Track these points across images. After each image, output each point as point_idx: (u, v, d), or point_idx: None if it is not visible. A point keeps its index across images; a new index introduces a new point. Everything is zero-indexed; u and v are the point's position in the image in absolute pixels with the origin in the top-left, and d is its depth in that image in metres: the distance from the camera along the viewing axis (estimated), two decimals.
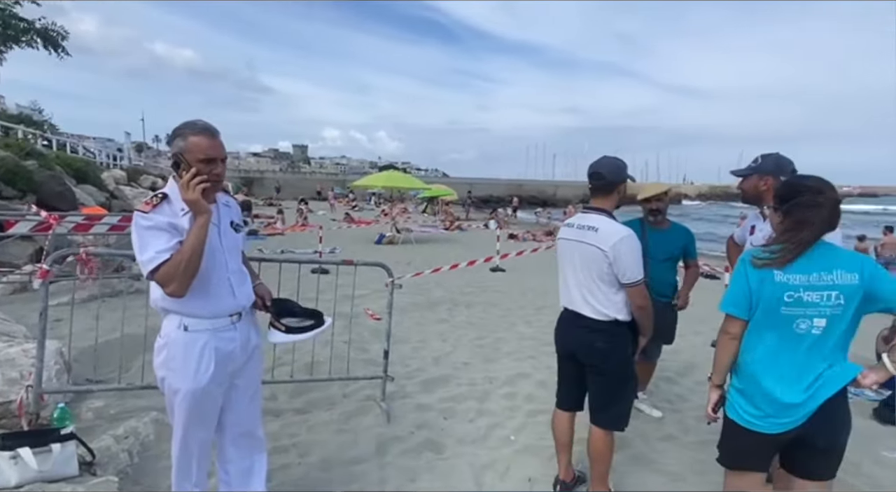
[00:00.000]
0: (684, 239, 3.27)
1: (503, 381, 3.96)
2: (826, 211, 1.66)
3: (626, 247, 2.19)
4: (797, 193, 1.71)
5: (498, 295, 7.16)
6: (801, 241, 1.66)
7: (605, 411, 2.37)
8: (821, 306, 1.64)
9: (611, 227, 2.25)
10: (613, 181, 2.32)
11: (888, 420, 3.53)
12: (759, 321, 1.71)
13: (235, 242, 1.95)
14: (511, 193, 42.95)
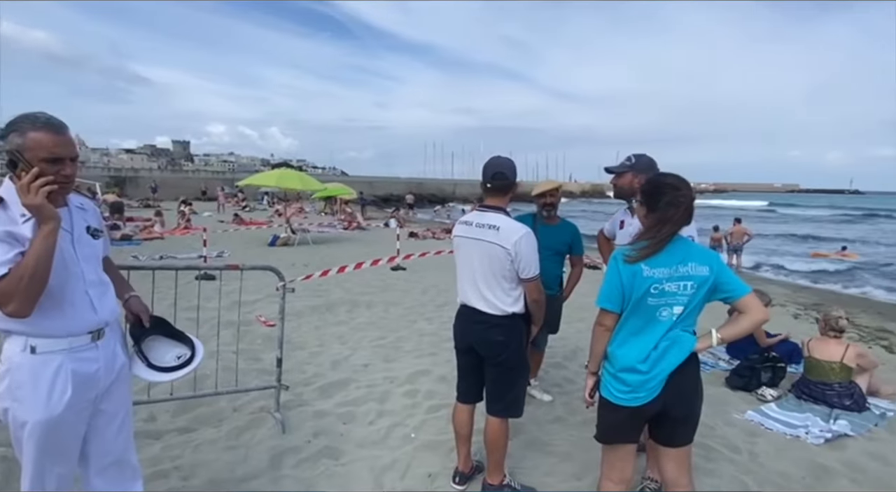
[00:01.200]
0: (571, 235, 3.45)
1: (404, 379, 3.97)
2: (684, 208, 1.86)
3: (526, 244, 2.29)
4: (660, 190, 1.89)
5: (399, 294, 7.16)
6: (663, 236, 1.84)
7: (501, 400, 2.47)
8: (678, 295, 1.85)
9: (511, 225, 2.33)
10: (513, 181, 2.43)
11: (737, 386, 4.07)
12: (629, 312, 1.87)
13: (94, 249, 1.74)
14: (411, 191, 43.17)
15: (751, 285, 4.74)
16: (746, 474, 2.82)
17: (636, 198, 1.99)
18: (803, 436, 3.29)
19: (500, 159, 2.43)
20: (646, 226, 1.93)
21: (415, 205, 33.78)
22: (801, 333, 5.02)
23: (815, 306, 7.40)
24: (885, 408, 3.76)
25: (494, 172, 2.39)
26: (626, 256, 1.85)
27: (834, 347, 3.81)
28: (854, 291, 10.82)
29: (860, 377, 3.82)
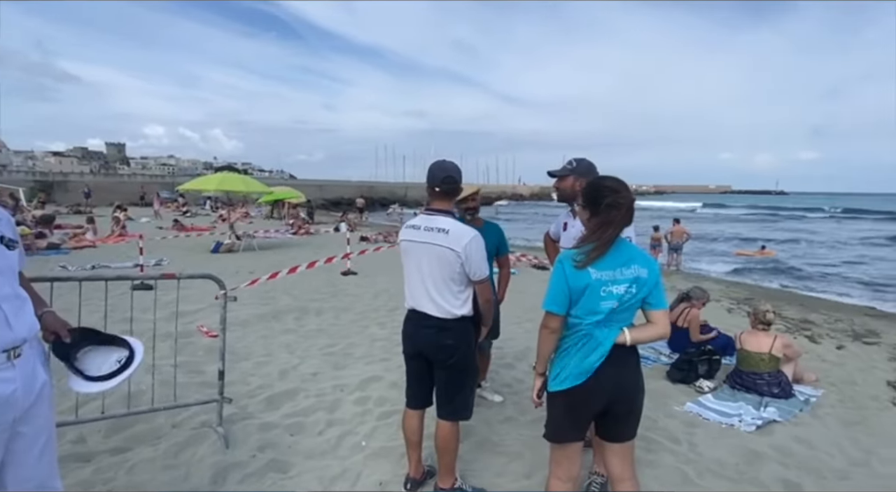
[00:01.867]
0: (497, 236, 3.42)
1: (354, 387, 3.90)
2: (625, 209, 1.92)
3: (475, 246, 2.32)
4: (601, 194, 1.94)
5: (350, 299, 7.04)
6: (608, 239, 1.89)
7: (451, 403, 2.48)
8: (622, 296, 1.90)
9: (460, 228, 2.34)
10: (459, 183, 2.45)
11: (677, 380, 4.25)
12: (578, 312, 1.90)
13: (8, 261, 1.60)
14: (362, 194, 42.72)
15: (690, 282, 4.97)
16: (686, 463, 2.95)
17: (577, 201, 2.04)
18: (737, 424, 3.48)
19: (447, 163, 2.44)
20: (589, 229, 1.97)
21: (366, 208, 33.46)
22: (734, 327, 5.32)
23: (746, 301, 7.87)
24: (808, 394, 4.04)
25: (445, 176, 2.40)
26: (574, 261, 1.87)
27: (763, 339, 4.06)
28: (779, 285, 11.60)
29: (786, 366, 4.09)
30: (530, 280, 8.90)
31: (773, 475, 2.86)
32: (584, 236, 1.98)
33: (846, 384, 4.36)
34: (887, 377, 4.55)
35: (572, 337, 1.93)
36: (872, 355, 5.25)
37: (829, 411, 3.79)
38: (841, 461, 3.07)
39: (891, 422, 3.63)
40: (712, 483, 2.76)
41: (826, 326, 6.39)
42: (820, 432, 3.43)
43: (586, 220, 1.99)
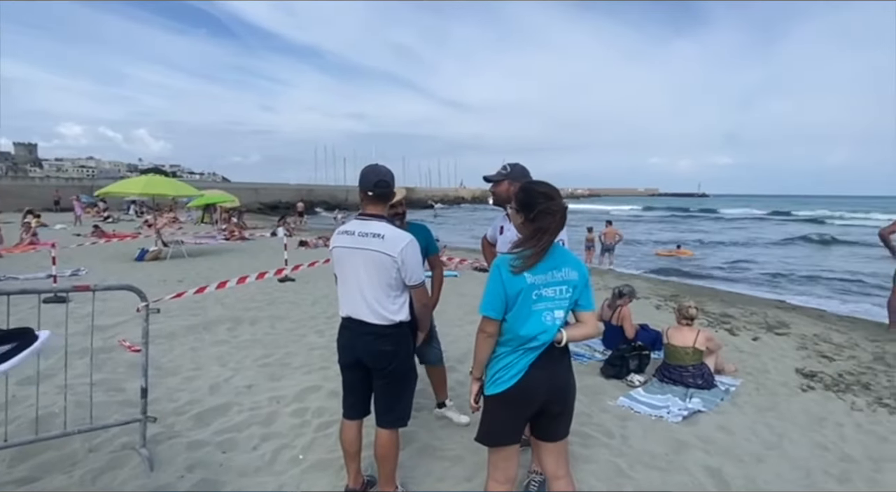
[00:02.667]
0: (425, 237, 3.29)
1: (292, 398, 3.77)
2: (559, 216, 1.96)
3: (411, 251, 2.31)
4: (534, 199, 1.97)
5: (287, 307, 6.82)
6: (544, 245, 1.92)
7: (391, 411, 2.44)
8: (556, 300, 1.95)
9: (395, 233, 2.32)
10: (392, 187, 2.43)
11: (610, 375, 4.43)
12: (513, 317, 1.92)
13: None
14: (301, 197, 41.60)
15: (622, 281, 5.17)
16: (619, 456, 3.07)
17: (511, 204, 2.07)
18: (665, 416, 3.67)
19: (380, 167, 2.42)
20: (525, 235, 1.99)
21: (305, 212, 32.62)
22: (662, 322, 5.61)
23: (672, 297, 8.33)
24: (728, 384, 4.33)
25: (378, 180, 2.37)
26: (511, 266, 1.89)
27: (687, 334, 4.31)
28: (702, 282, 12.41)
29: (709, 358, 4.36)
30: (472, 283, 8.99)
31: (697, 463, 3.03)
32: (521, 241, 2.00)
33: (761, 373, 4.70)
34: (796, 365, 4.95)
35: (508, 340, 1.96)
36: (783, 345, 5.70)
37: (747, 399, 4.07)
38: (757, 445, 3.30)
39: (799, 407, 3.95)
40: (643, 474, 2.89)
41: (743, 320, 6.87)
42: (738, 420, 3.67)
43: (520, 224, 2.02)
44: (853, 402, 4.07)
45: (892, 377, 4.67)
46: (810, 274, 14.93)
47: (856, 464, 3.10)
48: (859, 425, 3.66)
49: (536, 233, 1.94)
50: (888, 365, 5.06)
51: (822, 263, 17.93)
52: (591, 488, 2.73)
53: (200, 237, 15.96)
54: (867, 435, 3.49)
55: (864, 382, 4.52)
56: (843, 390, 4.32)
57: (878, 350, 5.61)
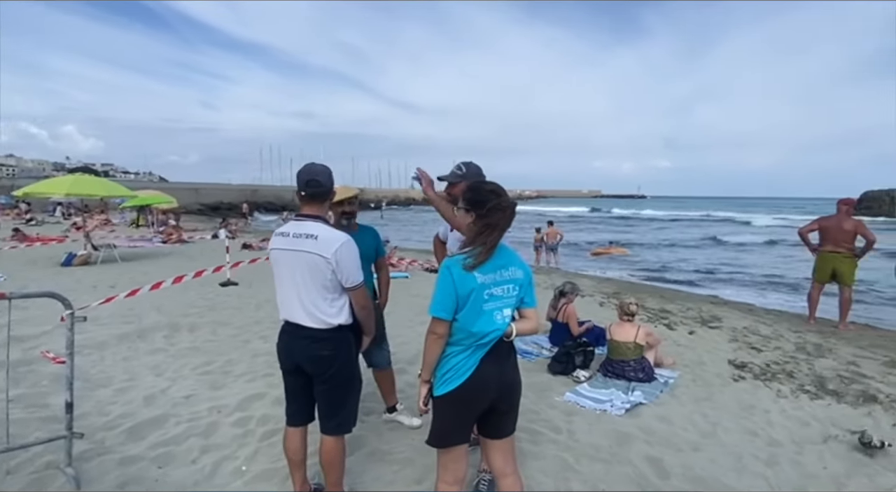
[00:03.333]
0: (374, 239, 3.28)
1: (234, 407, 3.62)
2: (509, 212, 1.99)
3: (346, 252, 2.25)
4: (485, 197, 1.98)
5: (229, 312, 6.55)
6: (493, 242, 1.94)
7: (334, 417, 2.39)
8: (504, 298, 1.97)
9: (330, 233, 2.26)
10: (329, 188, 2.36)
11: (557, 372, 4.53)
12: (465, 316, 1.91)
13: None
14: (245, 198, 40.19)
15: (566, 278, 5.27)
16: (566, 451, 3.15)
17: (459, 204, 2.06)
18: (609, 409, 3.79)
19: (315, 166, 2.35)
20: (474, 232, 1.99)
21: (250, 213, 31.57)
22: (606, 319, 5.81)
23: (614, 294, 8.64)
24: (667, 376, 4.53)
25: (308, 180, 2.30)
26: (463, 265, 1.89)
27: (629, 329, 4.47)
28: (642, 280, 12.99)
29: (648, 353, 4.54)
30: (423, 283, 8.97)
31: (639, 453, 3.15)
32: (470, 239, 2.01)
33: (697, 365, 4.95)
34: (728, 357, 5.24)
35: (459, 340, 1.95)
36: (716, 338, 6.03)
37: (684, 391, 4.27)
38: (694, 434, 3.47)
39: (731, 396, 4.19)
40: (589, 467, 2.97)
41: (680, 315, 7.23)
42: (677, 410, 3.85)
43: (470, 222, 2.02)
44: (779, 389, 4.35)
45: (812, 365, 5.04)
46: (739, 271, 15.93)
47: (782, 447, 3.31)
48: (784, 410, 3.92)
49: (486, 229, 1.95)
50: (808, 354, 5.45)
51: (749, 260, 19.16)
52: (539, 484, 2.78)
53: (135, 240, 15.08)
54: (791, 420, 3.74)
55: (788, 370, 4.85)
56: (770, 378, 4.62)
57: (799, 340, 6.04)
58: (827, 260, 6.90)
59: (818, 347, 5.72)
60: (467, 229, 2.04)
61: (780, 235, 28.21)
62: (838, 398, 4.16)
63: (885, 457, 3.20)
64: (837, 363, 5.14)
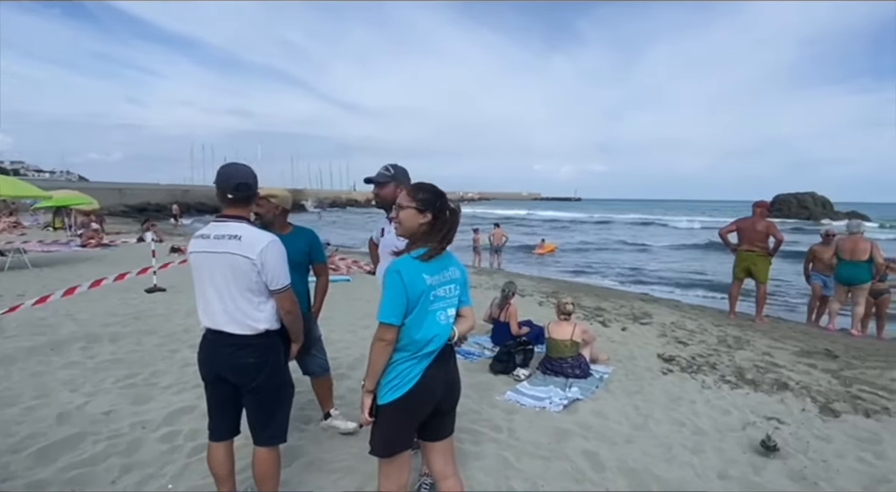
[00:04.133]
0: (308, 242, 3.12)
1: (160, 422, 3.40)
2: (457, 215, 1.99)
3: (272, 253, 2.17)
4: (438, 195, 1.97)
5: (156, 320, 6.16)
6: (445, 242, 1.94)
7: (266, 428, 2.29)
8: (447, 299, 1.97)
9: (255, 234, 2.18)
10: (255, 189, 2.28)
11: (498, 371, 4.59)
12: (412, 320, 1.88)
13: None
14: (175, 199, 38.09)
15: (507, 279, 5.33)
16: (507, 449, 3.18)
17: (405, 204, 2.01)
18: (548, 406, 3.88)
19: (241, 167, 2.26)
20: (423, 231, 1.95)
21: (181, 215, 29.92)
22: (545, 318, 5.95)
23: (553, 294, 8.91)
24: (602, 372, 4.70)
25: (239, 183, 2.21)
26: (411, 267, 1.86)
27: (565, 327, 4.61)
28: (581, 279, 13.49)
29: (585, 350, 4.70)
30: (365, 287, 8.84)
31: (577, 448, 3.24)
32: (417, 238, 1.97)
33: (629, 360, 5.17)
34: (657, 351, 5.52)
35: (405, 345, 1.91)
36: (647, 333, 6.34)
37: (618, 385, 4.45)
38: (627, 427, 3.61)
39: (661, 388, 4.40)
40: (529, 464, 3.02)
41: (614, 312, 7.54)
42: (611, 404, 4.00)
43: (421, 223, 1.95)
44: (703, 381, 4.62)
45: (732, 357, 5.40)
46: (667, 269, 16.87)
47: (706, 436, 3.51)
48: (708, 400, 4.16)
49: (441, 228, 1.95)
50: (729, 346, 5.84)
51: (677, 259, 20.33)
52: (480, 484, 2.79)
53: (48, 244, 13.90)
54: (714, 409, 3.98)
55: (711, 362, 5.17)
56: (695, 371, 4.90)
57: (721, 334, 6.46)
58: (744, 258, 7.44)
59: (738, 340, 6.14)
60: (416, 229, 1.97)
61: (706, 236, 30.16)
62: (755, 387, 4.48)
63: (795, 440, 3.47)
64: (754, 354, 5.54)
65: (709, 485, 2.89)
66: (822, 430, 3.65)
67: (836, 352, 5.70)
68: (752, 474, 3.02)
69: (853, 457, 3.27)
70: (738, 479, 2.96)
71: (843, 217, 36.90)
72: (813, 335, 6.82)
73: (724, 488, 2.86)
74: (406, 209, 1.95)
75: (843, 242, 7.18)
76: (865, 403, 4.17)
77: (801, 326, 7.63)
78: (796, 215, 45.96)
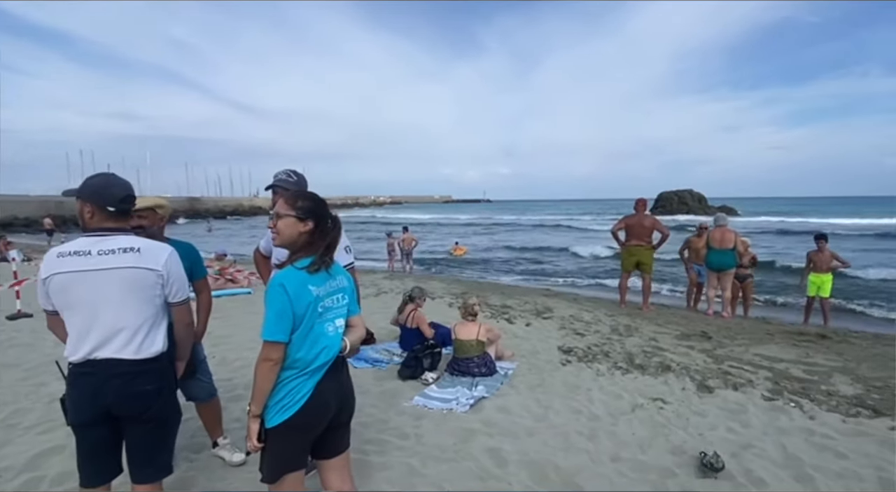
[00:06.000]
0: (186, 258, 2.72)
1: (21, 467, 2.98)
2: (339, 223, 1.95)
3: (175, 262, 2.07)
4: (323, 205, 1.91)
5: (18, 351, 5.41)
6: (331, 252, 1.88)
7: (151, 463, 2.09)
8: (335, 309, 1.91)
9: (152, 245, 2.04)
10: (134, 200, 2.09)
11: (407, 376, 4.58)
12: (300, 335, 1.80)
13: None
14: (48, 212, 33.91)
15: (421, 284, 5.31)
16: (413, 456, 3.17)
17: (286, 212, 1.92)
18: (455, 407, 3.93)
19: (118, 179, 2.07)
20: (305, 241, 1.88)
21: (55, 229, 26.69)
22: (455, 319, 6.03)
23: (462, 295, 9.08)
24: (507, 368, 4.85)
25: (126, 195, 2.04)
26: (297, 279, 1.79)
27: (471, 328, 4.70)
28: (490, 278, 13.93)
29: (490, 348, 4.83)
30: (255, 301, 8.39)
31: (481, 447, 3.31)
32: (299, 248, 1.89)
33: (532, 354, 5.39)
34: (557, 343, 5.81)
35: (294, 362, 1.82)
36: (548, 327, 6.66)
37: (522, 380, 4.62)
38: (529, 420, 3.76)
39: (560, 379, 4.63)
40: (434, 469, 3.03)
41: (519, 309, 7.84)
42: (515, 399, 4.14)
43: (304, 232, 1.88)
44: (598, 369, 4.94)
45: (623, 344, 5.82)
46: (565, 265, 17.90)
47: (600, 421, 3.75)
48: (602, 387, 4.45)
49: (326, 238, 1.89)
50: (621, 334, 6.30)
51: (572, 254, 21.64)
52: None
53: None
54: (607, 395, 4.26)
55: (605, 351, 5.54)
56: (591, 360, 5.22)
57: (614, 323, 6.95)
58: (632, 252, 8.07)
59: (628, 328, 6.64)
60: (296, 238, 1.89)
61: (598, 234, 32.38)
62: (643, 371, 4.86)
63: (676, 417, 3.81)
64: (642, 340, 6.02)
65: (602, 468, 3.08)
66: (699, 406, 4.05)
67: (710, 333, 6.36)
68: (640, 453, 3.27)
69: (724, 427, 3.65)
70: (628, 460, 3.18)
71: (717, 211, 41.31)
72: (691, 319, 7.57)
73: (616, 470, 3.07)
74: (285, 218, 1.87)
75: (713, 232, 8.04)
76: (734, 377, 4.68)
77: (681, 312, 8.43)
78: (678, 211, 50.64)
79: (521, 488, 2.87)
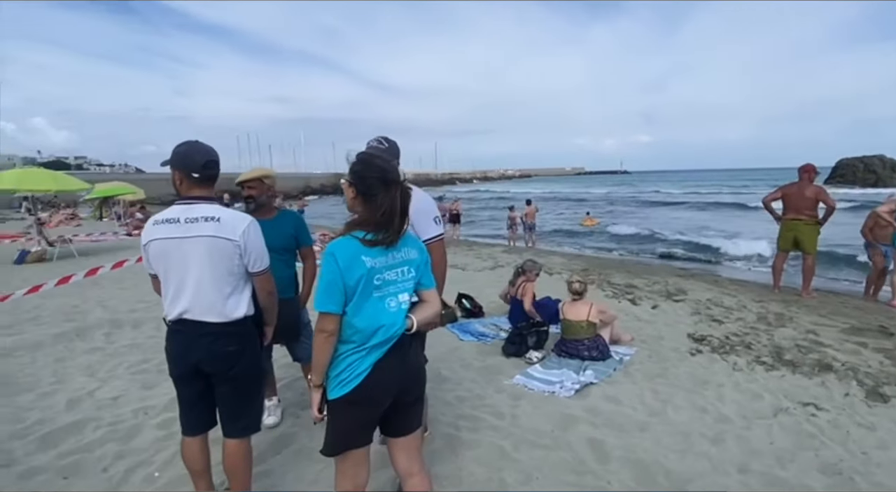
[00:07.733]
0: (294, 225, 3.03)
1: (162, 408, 3.42)
2: (398, 196, 1.73)
3: (254, 233, 2.10)
4: (372, 172, 1.74)
5: None
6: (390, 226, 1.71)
7: (240, 419, 2.21)
8: (398, 283, 1.77)
9: (233, 214, 2.09)
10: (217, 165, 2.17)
11: (511, 353, 4.39)
12: (354, 308, 1.71)
13: None
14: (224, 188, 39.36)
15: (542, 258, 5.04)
16: (505, 438, 3.01)
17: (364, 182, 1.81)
18: (558, 391, 3.66)
19: (203, 146, 2.14)
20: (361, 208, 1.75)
21: (231, 203, 30.91)
22: None
23: (584, 271, 8.55)
24: (623, 353, 4.41)
25: (207, 161, 2.10)
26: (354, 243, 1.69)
27: (580, 308, 4.34)
28: (614, 255, 12.98)
29: (604, 330, 4.43)
30: None
31: (581, 436, 3.03)
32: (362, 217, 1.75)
33: (655, 340, 4.85)
34: (688, 330, 5.16)
35: (351, 336, 1.74)
36: (678, 311, 5.95)
37: (639, 368, 4.16)
38: (642, 413, 3.36)
39: (686, 371, 4.09)
40: (527, 454, 2.84)
41: (646, 289, 7.15)
42: (628, 389, 3.74)
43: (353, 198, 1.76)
44: (735, 362, 4.27)
45: (771, 335, 4.97)
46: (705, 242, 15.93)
47: (730, 423, 3.21)
48: (738, 384, 3.83)
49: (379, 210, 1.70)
50: (769, 324, 5.40)
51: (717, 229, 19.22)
52: (471, 474, 2.64)
53: (96, 235, 14.60)
54: (743, 394, 3.65)
55: (746, 342, 4.78)
56: (727, 351, 4.53)
57: (762, 310, 5.98)
58: (790, 228, 6.85)
59: (780, 317, 5.67)
60: (351, 204, 1.77)
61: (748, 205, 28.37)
62: (794, 369, 4.09)
63: (833, 429, 3.13)
64: (797, 332, 5.09)
65: (725, 479, 2.62)
66: (867, 417, 3.28)
67: (893, 329, 5.16)
68: (778, 467, 2.72)
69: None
70: (761, 473, 2.67)
71: None
72: (868, 311, 6.23)
73: (742, 482, 2.59)
74: (344, 180, 1.77)
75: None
76: None
77: (855, 301, 6.99)
78: (862, 182, 42.32)
79: (621, 489, 2.55)
